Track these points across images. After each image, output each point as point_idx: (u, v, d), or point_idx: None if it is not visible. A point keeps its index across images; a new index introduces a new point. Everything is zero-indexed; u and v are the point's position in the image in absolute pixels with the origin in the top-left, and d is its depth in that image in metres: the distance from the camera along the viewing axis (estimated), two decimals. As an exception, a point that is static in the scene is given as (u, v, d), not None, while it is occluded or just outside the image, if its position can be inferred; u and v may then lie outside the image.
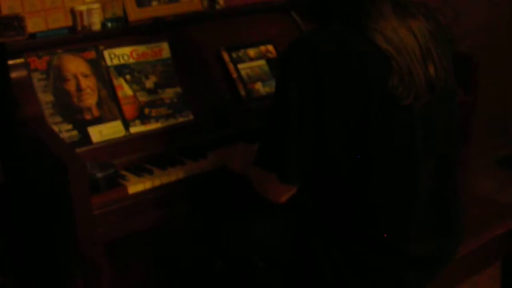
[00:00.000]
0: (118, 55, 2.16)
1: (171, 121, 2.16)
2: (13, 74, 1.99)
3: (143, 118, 2.13)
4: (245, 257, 1.89)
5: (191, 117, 2.20)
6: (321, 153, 1.63)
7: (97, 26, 2.17)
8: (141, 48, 2.20)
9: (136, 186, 1.93)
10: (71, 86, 2.07)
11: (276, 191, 1.71)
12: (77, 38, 2.13)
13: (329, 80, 1.57)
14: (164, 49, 2.24)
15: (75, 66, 2.09)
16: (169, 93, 2.19)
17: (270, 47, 2.44)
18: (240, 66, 2.35)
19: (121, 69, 2.15)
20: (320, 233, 1.75)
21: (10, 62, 1.99)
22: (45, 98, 2.02)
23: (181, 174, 2.01)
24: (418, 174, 1.68)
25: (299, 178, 1.67)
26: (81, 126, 2.04)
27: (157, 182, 1.97)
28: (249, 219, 1.92)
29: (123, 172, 1.99)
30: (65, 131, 2.01)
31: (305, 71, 1.58)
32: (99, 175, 1.90)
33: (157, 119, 2.15)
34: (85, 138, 2.03)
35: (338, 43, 1.58)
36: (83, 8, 2.14)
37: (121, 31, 2.20)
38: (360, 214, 1.69)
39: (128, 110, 2.12)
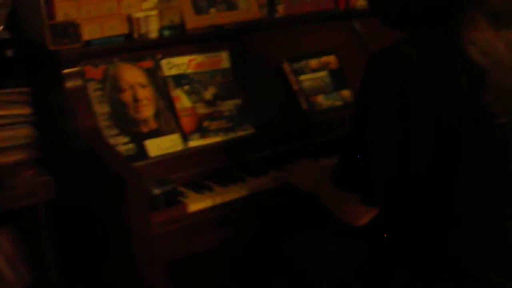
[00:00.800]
0: (176, 64, 2.05)
1: (231, 135, 2.04)
2: (68, 84, 1.88)
3: (202, 131, 2.01)
4: (313, 282, 1.75)
5: (251, 130, 2.08)
6: (406, 174, 1.49)
7: (154, 34, 2.05)
8: (199, 58, 2.08)
9: (196, 204, 1.82)
10: (127, 96, 1.95)
11: (357, 213, 1.57)
12: (133, 46, 2.02)
13: (417, 95, 1.43)
14: (224, 59, 2.12)
15: (132, 75, 1.97)
16: (228, 105, 2.07)
17: (331, 58, 2.31)
18: (301, 77, 2.22)
19: (179, 80, 2.03)
20: (401, 262, 1.60)
21: (65, 71, 1.88)
22: (101, 109, 1.90)
23: (243, 191, 1.89)
24: None
25: (382, 199, 1.53)
26: (138, 139, 1.92)
27: (218, 200, 1.85)
28: (319, 240, 1.79)
29: (182, 189, 1.88)
30: (122, 144, 1.90)
31: (391, 85, 1.44)
32: (157, 191, 1.78)
33: (216, 132, 2.03)
34: (142, 152, 1.91)
35: (427, 55, 1.44)
36: (140, 15, 2.02)
37: (179, 39, 2.09)
38: (446, 242, 1.54)
39: (187, 122, 2.00)
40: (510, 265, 1.58)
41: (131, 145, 1.91)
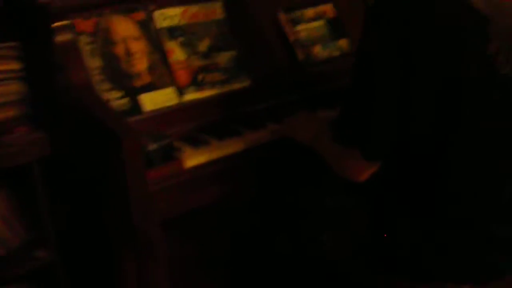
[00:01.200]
0: (169, 16, 1.98)
1: (227, 88, 1.99)
2: (59, 37, 1.81)
3: (197, 84, 1.96)
4: (312, 235, 1.73)
5: (247, 83, 2.03)
6: (407, 126, 1.46)
7: (146, -16, 1.97)
8: (193, 8, 2.01)
9: (192, 159, 1.77)
10: (120, 50, 1.89)
11: (357, 169, 1.55)
12: (125, -3, 1.94)
13: (420, 44, 1.39)
14: (218, 9, 2.05)
15: (124, 28, 1.91)
16: (224, 57, 2.02)
17: (329, 7, 2.25)
18: (298, 27, 2.16)
19: (172, 31, 1.97)
20: (401, 213, 1.58)
21: (55, 24, 1.81)
22: (93, 63, 1.85)
23: (241, 145, 1.85)
24: None
25: (384, 154, 1.49)
26: (132, 93, 1.87)
27: (214, 154, 1.81)
28: (318, 193, 1.77)
29: (177, 143, 1.83)
30: (115, 99, 1.84)
31: (393, 34, 1.40)
32: (152, 146, 1.74)
33: (212, 85, 1.98)
34: (136, 107, 1.86)
35: (430, 3, 1.40)
36: (131, -36, 1.94)
37: (172, -11, 2.01)
38: (446, 192, 1.53)
39: (181, 76, 1.94)
40: (509, 214, 1.56)
41: (125, 100, 1.85)
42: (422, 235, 1.56)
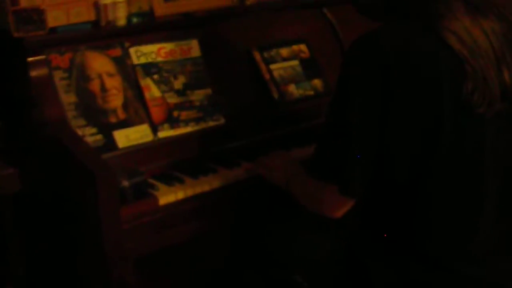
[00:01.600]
0: (145, 53, 1.98)
1: (202, 125, 1.98)
2: (33, 72, 1.80)
3: (172, 121, 1.95)
4: (286, 275, 1.72)
5: (222, 121, 2.02)
6: (383, 163, 1.47)
7: (122, 21, 1.97)
8: (169, 46, 2.01)
9: (167, 196, 1.76)
10: (95, 86, 1.88)
11: (333, 205, 1.54)
12: (101, 33, 1.94)
13: (398, 84, 1.40)
14: (194, 47, 2.05)
15: (99, 64, 1.90)
16: (199, 95, 2.01)
17: (303, 47, 2.26)
18: (272, 66, 2.17)
19: (148, 68, 1.96)
20: (375, 252, 1.58)
21: (30, 59, 1.80)
22: (68, 99, 1.83)
23: (215, 183, 1.84)
24: (486, 189, 1.52)
25: (360, 190, 1.50)
26: (106, 129, 1.85)
27: (189, 192, 1.80)
28: (291, 233, 1.76)
29: (151, 181, 1.82)
30: (89, 135, 1.83)
31: (371, 74, 1.41)
32: (125, 183, 1.72)
33: (186, 122, 1.97)
34: (111, 143, 1.85)
35: (408, 44, 1.41)
36: (107, 1, 1.94)
37: (148, 27, 2.01)
38: (419, 230, 1.53)
39: (156, 112, 1.93)
40: (482, 255, 1.57)
41: (99, 136, 1.84)
42: (396, 275, 1.55)
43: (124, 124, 1.88)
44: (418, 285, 1.55)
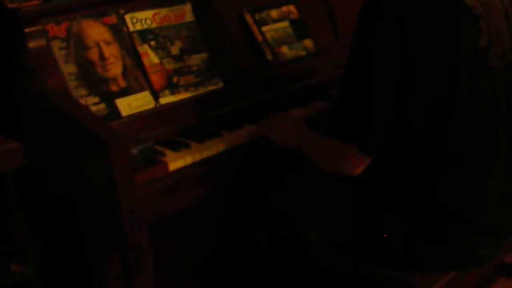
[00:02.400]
0: (140, 19, 1.94)
1: (201, 90, 1.98)
2: (31, 43, 1.75)
3: (172, 87, 1.93)
4: (297, 231, 1.74)
5: (220, 84, 2.02)
6: (402, 119, 1.49)
7: (114, -12, 1.93)
8: (163, 11, 1.99)
9: (176, 162, 1.75)
10: (94, 54, 1.84)
11: (353, 163, 1.55)
12: (95, 1, 1.89)
13: (416, 36, 1.43)
14: (187, 12, 2.03)
15: (96, 32, 1.86)
16: (196, 60, 2.00)
17: (291, 8, 2.26)
18: (264, 28, 2.17)
19: (144, 35, 1.94)
20: (390, 204, 1.62)
21: (27, 29, 1.75)
22: (68, 68, 1.79)
23: (221, 146, 1.84)
24: (498, 138, 1.56)
25: (381, 147, 1.52)
26: (109, 98, 1.83)
27: (197, 156, 1.79)
28: (301, 186, 1.79)
29: (158, 147, 1.80)
30: (92, 104, 1.80)
31: (389, 30, 1.43)
32: (134, 151, 1.70)
33: (186, 88, 1.96)
34: (114, 112, 1.82)
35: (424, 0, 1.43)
36: (99, -32, 1.90)
37: (141, -8, 1.97)
38: (434, 181, 1.57)
39: (156, 79, 1.91)
40: (492, 201, 1.63)
41: (102, 105, 1.81)
42: (409, 223, 1.60)
43: (125, 92, 1.85)
44: (430, 233, 1.59)
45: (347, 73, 1.53)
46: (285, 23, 2.22)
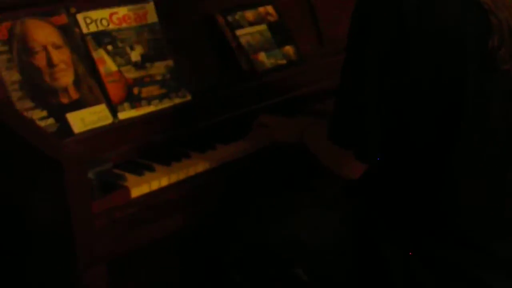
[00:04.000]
0: (95, 19, 1.96)
1: (166, 103, 2.00)
2: (-33, 46, 1.75)
3: (133, 100, 1.95)
4: (283, 268, 1.76)
5: (188, 97, 2.04)
6: (402, 126, 1.55)
7: (64, -17, 1.95)
8: (121, 11, 2.00)
9: (139, 187, 1.76)
10: (40, 60, 1.84)
11: (352, 168, 1.63)
12: (42, -3, 1.90)
13: (417, 37, 1.48)
14: (150, 12, 2.05)
15: (43, 34, 1.86)
16: (159, 68, 2.02)
17: (270, 9, 2.30)
18: (238, 32, 2.20)
19: (100, 38, 1.95)
20: (391, 233, 1.65)
21: (-39, 30, 1.75)
22: (10, 76, 1.79)
23: (191, 170, 1.86)
24: None
25: (378, 155, 1.59)
26: (58, 112, 1.83)
27: (164, 181, 1.81)
28: (288, 216, 1.81)
29: (117, 171, 1.81)
30: (39, 119, 1.79)
31: (387, 27, 1.49)
32: (91, 174, 1.70)
33: (149, 101, 1.97)
34: (64, 128, 1.82)
35: None
36: (47, -41, 1.91)
37: (95, -12, 1.99)
38: (445, 205, 1.61)
39: (114, 90, 1.93)
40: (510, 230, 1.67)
41: (50, 120, 1.81)
42: (415, 256, 1.62)
43: (78, 105, 1.86)
44: (439, 267, 1.62)
45: (343, 74, 1.59)
46: (263, 27, 2.26)
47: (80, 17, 1.94)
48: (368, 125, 1.54)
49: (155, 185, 1.79)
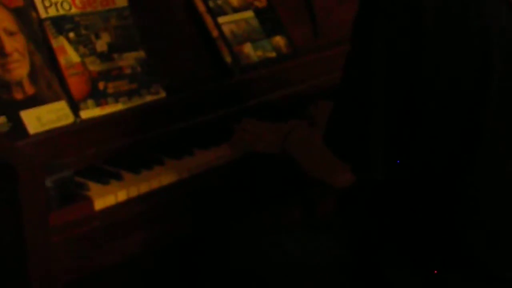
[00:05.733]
0: (55, 2, 2.01)
1: (136, 101, 2.05)
2: None
3: (98, 96, 1.99)
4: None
5: (162, 94, 2.09)
6: (412, 133, 1.59)
7: (20, -42, 1.99)
8: (86, -8, 2.06)
9: (104, 198, 1.80)
10: (-10, 49, 1.89)
11: (346, 180, 1.69)
12: (-7, -25, 1.95)
13: (433, 32, 1.52)
14: (118, -6, 2.11)
15: (-6, 18, 1.91)
16: (129, 59, 2.07)
17: (258, -7, 2.37)
18: (221, 19, 2.26)
19: (61, 24, 2.00)
20: (397, 259, 1.69)
21: None
22: (-46, 67, 1.84)
23: (165, 179, 1.90)
24: None
25: (384, 170, 1.61)
26: (10, 109, 1.87)
27: (133, 191, 1.84)
28: (272, 240, 1.84)
29: (79, 179, 1.85)
30: (-13, 117, 1.85)
31: (399, 20, 1.53)
32: (48, 183, 1.73)
33: (116, 98, 2.02)
34: (18, 128, 1.87)
35: None
36: None
37: (56, -35, 2.04)
38: (461, 227, 1.65)
39: (76, 85, 1.98)
40: None
41: (1, 119, 1.85)
42: (425, 280, 1.67)
43: (33, 101, 1.91)
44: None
45: (345, 73, 1.62)
46: (249, 14, 2.32)
47: (37, -1, 1.98)
48: (372, 130, 1.57)
49: (122, 196, 1.82)
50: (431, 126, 1.58)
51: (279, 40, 2.34)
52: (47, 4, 1.99)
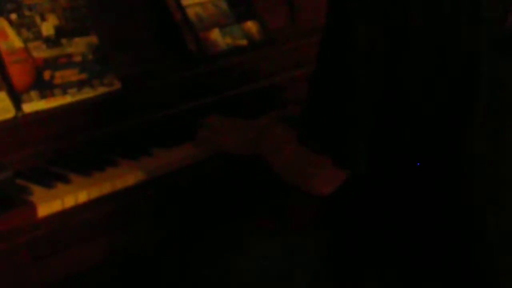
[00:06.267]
0: (-6, -22, 1.96)
1: (87, 93, 2.01)
2: None
3: (43, 87, 1.95)
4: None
5: (117, 85, 2.06)
6: (398, 128, 1.58)
7: None
8: (29, -33, 2.01)
9: (49, 204, 1.74)
10: None
11: (325, 179, 1.65)
12: None
13: (419, 17, 1.53)
14: (68, -29, 2.07)
15: None
16: (80, 45, 2.04)
17: (225, -30, 2.35)
18: (185, 1, 2.23)
19: (1, 3, 1.95)
20: (387, 270, 1.67)
21: None
22: None
23: (119, 182, 1.85)
24: None
25: (366, 162, 1.59)
26: None
27: (82, 196, 1.79)
28: (246, 248, 1.83)
29: (20, 181, 1.80)
30: None
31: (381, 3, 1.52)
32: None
33: (64, 89, 1.98)
34: (-51, 122, 1.83)
35: None
36: None
37: None
38: (457, 231, 1.63)
39: (18, 73, 1.93)
40: None
41: None
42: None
43: (-32, 92, 1.86)
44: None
45: (320, 58, 1.61)
46: (217, -5, 2.30)
47: (-27, -26, 1.94)
48: (352, 119, 1.58)
49: (70, 201, 1.77)
50: (417, 112, 1.58)
51: (251, 25, 2.31)
52: (-17, -20, 1.95)
